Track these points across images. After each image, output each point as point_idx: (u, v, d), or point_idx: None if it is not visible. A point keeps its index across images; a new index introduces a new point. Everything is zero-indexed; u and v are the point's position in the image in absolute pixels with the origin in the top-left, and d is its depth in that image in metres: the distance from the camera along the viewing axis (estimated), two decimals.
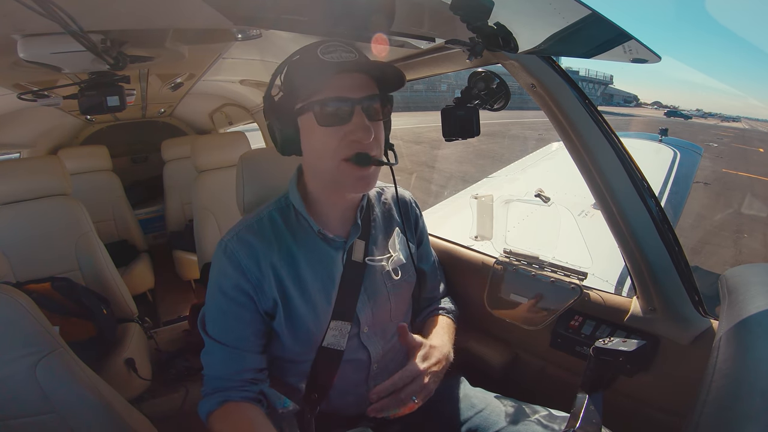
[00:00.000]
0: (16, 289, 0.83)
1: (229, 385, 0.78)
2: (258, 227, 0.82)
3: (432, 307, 1.03)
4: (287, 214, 0.84)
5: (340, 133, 0.71)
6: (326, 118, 0.70)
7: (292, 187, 0.85)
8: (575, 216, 2.00)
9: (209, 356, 0.81)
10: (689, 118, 51.23)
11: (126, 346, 1.60)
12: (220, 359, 0.80)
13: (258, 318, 0.80)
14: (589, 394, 0.75)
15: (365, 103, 0.71)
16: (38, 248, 1.72)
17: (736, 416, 0.47)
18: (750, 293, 0.67)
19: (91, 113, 1.14)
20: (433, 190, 7.83)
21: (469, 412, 0.88)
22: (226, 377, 0.79)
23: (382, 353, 0.87)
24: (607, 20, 0.48)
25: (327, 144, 0.72)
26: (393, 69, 0.74)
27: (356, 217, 0.85)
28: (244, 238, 0.80)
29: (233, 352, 0.79)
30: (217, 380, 0.79)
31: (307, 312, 0.80)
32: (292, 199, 0.84)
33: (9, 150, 2.45)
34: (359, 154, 0.72)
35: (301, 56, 0.74)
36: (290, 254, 0.81)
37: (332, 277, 0.82)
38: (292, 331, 0.81)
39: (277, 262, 0.79)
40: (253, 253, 0.78)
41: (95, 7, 0.64)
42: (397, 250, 0.91)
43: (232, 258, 0.78)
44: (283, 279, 0.79)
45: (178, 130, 3.43)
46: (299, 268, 0.80)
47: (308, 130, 0.74)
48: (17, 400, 0.78)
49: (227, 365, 0.79)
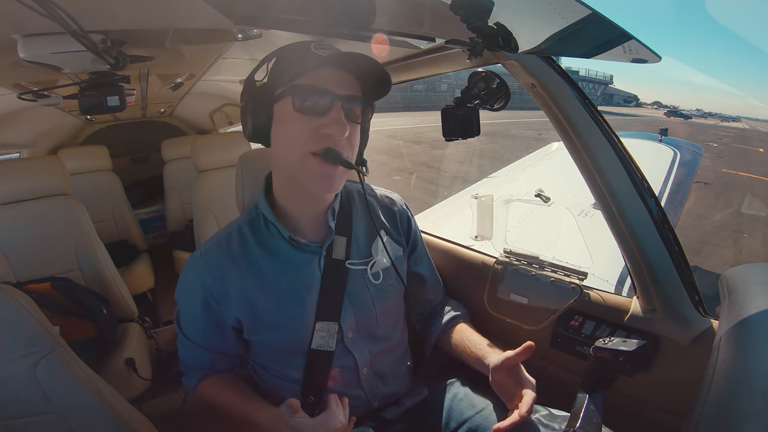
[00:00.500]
0: (16, 289, 0.83)
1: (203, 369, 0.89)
2: (226, 244, 0.82)
3: (450, 315, 1.01)
4: (257, 224, 0.84)
5: (314, 123, 0.70)
6: (304, 104, 0.69)
7: (261, 195, 0.84)
8: (575, 216, 2.00)
9: (182, 345, 0.89)
10: (689, 118, 51.24)
11: (126, 346, 1.60)
12: (189, 352, 0.88)
13: (223, 330, 0.83)
14: (589, 393, 0.75)
15: (346, 101, 0.70)
16: (38, 248, 1.71)
17: (736, 416, 0.47)
18: (750, 293, 0.67)
19: (91, 113, 1.14)
20: (433, 190, 7.83)
21: (469, 412, 0.88)
22: (197, 366, 0.89)
23: (369, 358, 0.86)
24: (607, 20, 0.48)
25: (298, 133, 0.70)
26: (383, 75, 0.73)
27: (327, 220, 0.83)
28: (211, 257, 0.81)
29: (201, 350, 0.86)
30: (189, 366, 0.90)
31: (283, 321, 0.80)
32: (261, 208, 0.83)
33: (9, 150, 2.45)
34: (329, 150, 0.69)
35: (293, 47, 0.74)
36: (258, 268, 0.80)
37: (308, 283, 0.81)
38: (269, 341, 0.82)
39: (245, 279, 0.79)
40: (218, 273, 0.79)
41: (95, 7, 0.64)
42: (380, 253, 0.89)
43: (198, 276, 0.80)
44: (250, 295, 0.79)
45: (178, 130, 3.43)
46: (268, 278, 0.80)
47: (282, 117, 0.72)
48: (17, 400, 0.78)
49: (197, 358, 0.88)
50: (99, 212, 2.56)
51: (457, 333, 0.97)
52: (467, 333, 0.96)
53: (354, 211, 0.90)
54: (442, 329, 0.99)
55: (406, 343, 0.98)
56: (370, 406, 0.88)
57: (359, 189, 0.92)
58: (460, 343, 0.94)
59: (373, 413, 0.89)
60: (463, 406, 0.90)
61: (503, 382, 0.81)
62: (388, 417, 0.89)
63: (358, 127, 0.74)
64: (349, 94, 0.71)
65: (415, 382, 0.98)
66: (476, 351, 0.89)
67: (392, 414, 0.89)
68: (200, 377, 0.88)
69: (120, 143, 3.23)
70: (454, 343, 0.96)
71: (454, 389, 0.95)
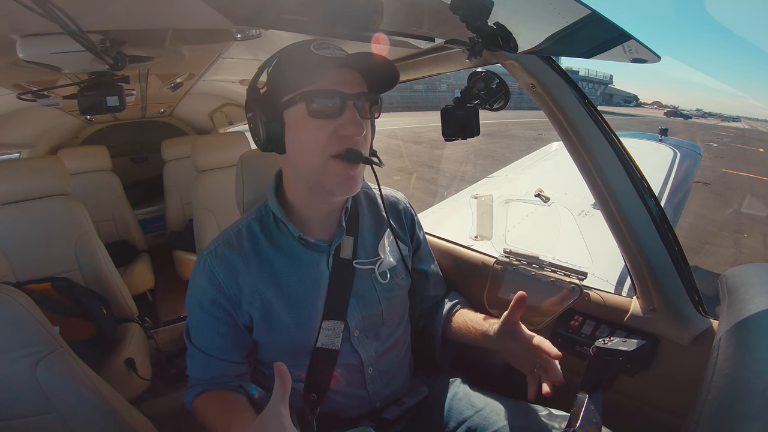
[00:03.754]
0: (16, 289, 0.83)
1: (208, 383, 0.84)
2: (236, 240, 0.81)
3: (450, 304, 1.02)
4: (266, 222, 0.84)
5: (330, 126, 0.69)
6: (318, 109, 0.68)
7: (271, 194, 0.84)
8: (575, 216, 2.00)
9: (192, 359, 0.85)
10: (689, 118, 51.23)
11: (126, 346, 1.61)
12: (200, 364, 0.84)
13: (236, 331, 0.81)
14: (589, 393, 0.75)
15: (357, 99, 0.70)
16: (38, 248, 1.72)
17: (736, 416, 0.47)
18: (750, 293, 0.67)
19: (91, 113, 1.13)
20: (433, 190, 7.83)
21: (468, 412, 0.88)
22: (206, 380, 0.84)
23: (375, 357, 0.86)
24: (607, 20, 0.48)
25: (316, 138, 0.69)
26: (390, 69, 0.73)
27: (341, 219, 0.84)
28: (222, 254, 0.80)
29: (213, 361, 0.82)
30: (198, 380, 0.85)
31: (291, 320, 0.80)
32: (271, 206, 0.83)
33: (9, 150, 2.45)
34: (350, 150, 0.69)
35: (293, 50, 0.73)
36: (269, 265, 0.80)
37: (317, 282, 0.82)
38: (277, 340, 0.81)
39: (256, 276, 0.79)
40: (230, 269, 0.78)
41: (94, 7, 0.64)
42: (387, 253, 0.90)
43: (210, 274, 0.79)
44: (262, 292, 0.79)
45: (178, 130, 3.43)
46: (279, 277, 0.80)
47: (296, 123, 0.71)
48: (18, 400, 0.78)
49: (207, 370, 0.84)
50: (99, 212, 2.56)
51: (458, 317, 0.98)
52: (468, 315, 0.97)
53: (360, 211, 0.90)
54: (444, 318, 1.00)
55: (408, 342, 0.98)
56: (372, 407, 0.88)
57: (365, 190, 0.94)
58: (463, 325, 0.95)
59: (373, 413, 0.89)
60: (463, 406, 0.90)
61: (512, 348, 0.81)
62: (388, 417, 0.89)
63: (369, 122, 0.75)
64: (359, 92, 0.71)
65: (415, 381, 0.98)
66: (480, 327, 0.90)
67: (392, 414, 0.89)
68: (199, 391, 0.83)
69: (120, 143, 3.23)
70: (457, 328, 0.96)
71: (453, 388, 0.95)
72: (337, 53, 0.71)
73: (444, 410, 0.92)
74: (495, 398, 0.90)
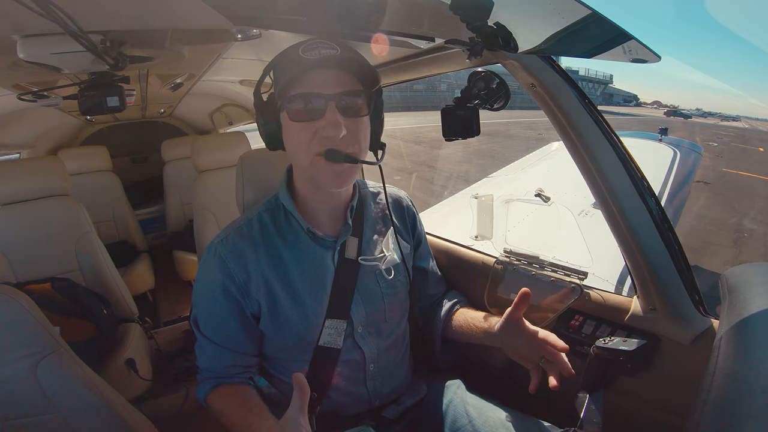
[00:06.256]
0: (16, 290, 0.83)
1: (219, 376, 0.85)
2: (247, 230, 0.83)
3: (450, 303, 1.02)
4: (277, 214, 0.85)
5: (312, 128, 0.71)
6: (296, 113, 0.72)
7: (282, 187, 0.86)
8: (575, 215, 2.01)
9: (201, 350, 0.86)
10: (689, 118, 51.21)
11: (126, 347, 1.61)
12: (210, 354, 0.85)
13: (245, 319, 0.82)
14: (589, 393, 0.75)
15: (341, 98, 0.71)
16: (38, 249, 1.72)
17: (736, 416, 0.47)
18: (750, 293, 0.67)
19: (91, 113, 1.14)
20: (433, 190, 7.83)
21: (462, 420, 0.88)
22: (216, 371, 0.85)
23: (377, 353, 0.87)
24: (607, 20, 0.48)
25: (300, 139, 0.73)
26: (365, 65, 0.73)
27: (347, 216, 0.85)
28: (232, 242, 0.81)
29: (222, 350, 0.83)
30: (208, 371, 0.86)
31: (296, 313, 0.80)
32: (282, 199, 0.85)
33: (9, 150, 2.45)
34: (330, 150, 0.72)
35: (285, 54, 0.75)
36: (278, 256, 0.81)
37: (322, 276, 0.83)
38: (280, 333, 0.82)
39: (264, 265, 0.80)
40: (240, 257, 0.80)
41: (95, 7, 0.64)
42: (391, 250, 0.91)
43: (220, 261, 0.80)
44: (270, 282, 0.80)
45: (178, 131, 3.43)
46: (287, 269, 0.81)
47: (286, 125, 0.75)
48: (18, 400, 0.78)
49: (217, 360, 0.84)
50: (99, 212, 2.56)
51: (459, 316, 0.99)
52: (469, 313, 0.97)
53: (366, 210, 0.92)
54: (444, 317, 1.00)
55: (408, 341, 0.98)
56: (371, 405, 0.88)
57: (369, 191, 0.95)
58: (464, 324, 0.95)
59: (373, 412, 0.89)
60: (462, 407, 0.90)
61: (516, 344, 0.81)
62: (387, 416, 0.89)
63: (362, 119, 0.75)
64: (344, 90, 0.71)
65: (414, 380, 0.98)
66: (481, 325, 0.90)
67: (392, 413, 0.89)
68: (213, 386, 0.84)
69: (120, 143, 3.24)
70: (458, 327, 0.96)
71: (453, 390, 0.95)
72: (324, 53, 0.70)
73: (443, 411, 0.92)
74: (491, 405, 0.88)
